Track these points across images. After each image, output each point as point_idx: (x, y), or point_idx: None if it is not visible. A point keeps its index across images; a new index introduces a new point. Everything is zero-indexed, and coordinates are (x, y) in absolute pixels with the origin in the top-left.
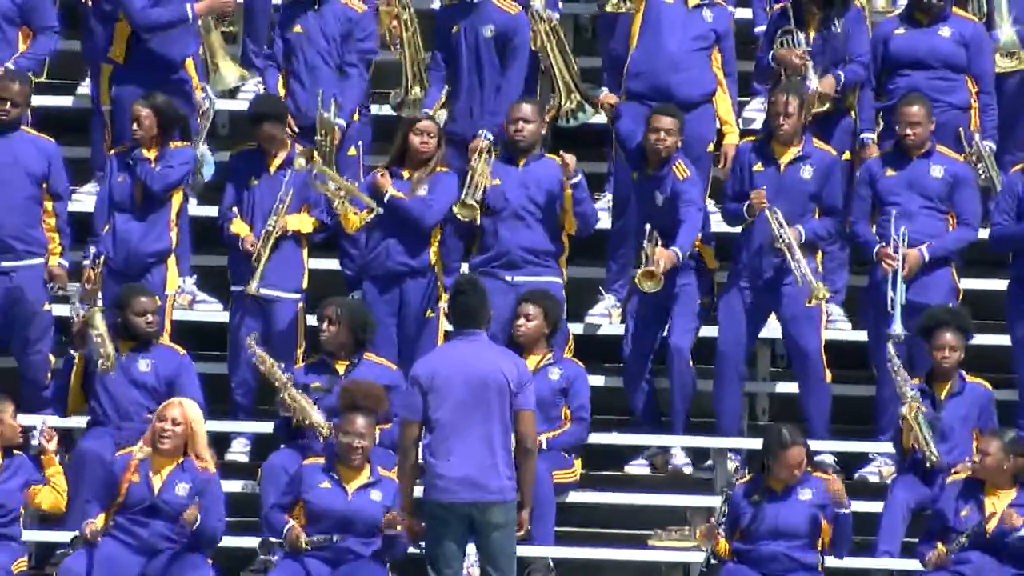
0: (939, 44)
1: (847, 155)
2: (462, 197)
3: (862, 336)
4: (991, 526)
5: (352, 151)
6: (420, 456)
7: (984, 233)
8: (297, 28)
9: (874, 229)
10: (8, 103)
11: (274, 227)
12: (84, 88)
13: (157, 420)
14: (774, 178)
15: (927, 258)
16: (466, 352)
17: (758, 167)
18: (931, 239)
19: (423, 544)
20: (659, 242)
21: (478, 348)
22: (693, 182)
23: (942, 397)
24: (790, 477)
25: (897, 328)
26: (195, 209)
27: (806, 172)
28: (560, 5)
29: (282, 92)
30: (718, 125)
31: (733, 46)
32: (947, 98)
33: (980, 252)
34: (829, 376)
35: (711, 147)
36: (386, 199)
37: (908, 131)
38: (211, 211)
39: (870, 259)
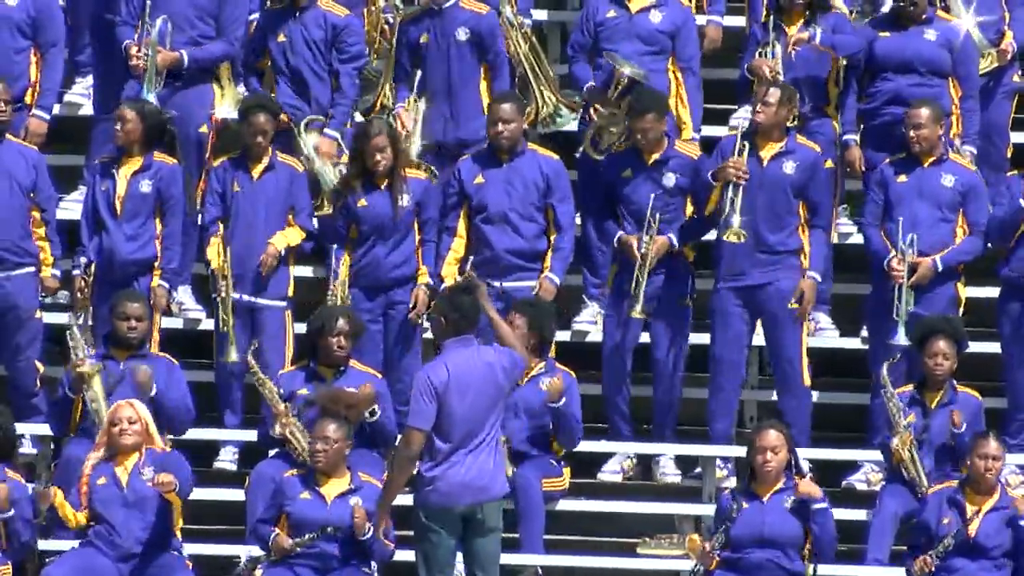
0: (924, 47)
1: (828, 163)
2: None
3: (850, 343)
4: (973, 529)
5: (345, 158)
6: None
7: None
8: (281, 37)
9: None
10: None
11: (236, 298)
12: (71, 96)
13: (110, 424)
14: (756, 172)
15: (940, 268)
16: (472, 359)
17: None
18: (940, 248)
19: (416, 550)
20: (654, 235)
21: (480, 353)
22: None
23: (933, 406)
24: (764, 463)
25: (901, 339)
26: None
27: (789, 167)
28: (534, 13)
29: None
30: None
31: (693, 40)
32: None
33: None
34: (808, 381)
35: None
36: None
37: (912, 133)
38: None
39: (878, 268)
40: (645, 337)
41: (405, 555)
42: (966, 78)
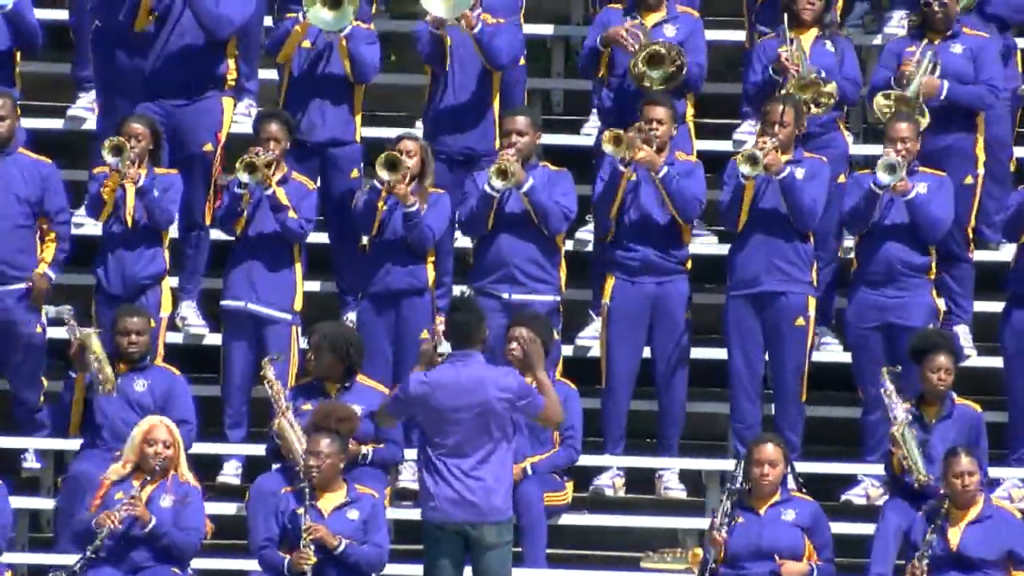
0: (951, 60)
1: (842, 177)
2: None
3: (848, 358)
4: (954, 542)
5: (355, 173)
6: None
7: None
8: (306, 43)
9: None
10: None
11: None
12: (74, 111)
13: (146, 444)
14: (766, 182)
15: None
16: (460, 374)
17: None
18: (915, 257)
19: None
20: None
21: (472, 369)
22: (700, 165)
23: (932, 420)
24: (761, 477)
25: None
26: None
27: (799, 175)
28: (539, 28)
29: None
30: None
31: (700, 49)
32: (956, 115)
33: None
34: (804, 396)
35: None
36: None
37: (899, 147)
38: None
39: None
40: (645, 351)
41: (398, 568)
42: (988, 83)
